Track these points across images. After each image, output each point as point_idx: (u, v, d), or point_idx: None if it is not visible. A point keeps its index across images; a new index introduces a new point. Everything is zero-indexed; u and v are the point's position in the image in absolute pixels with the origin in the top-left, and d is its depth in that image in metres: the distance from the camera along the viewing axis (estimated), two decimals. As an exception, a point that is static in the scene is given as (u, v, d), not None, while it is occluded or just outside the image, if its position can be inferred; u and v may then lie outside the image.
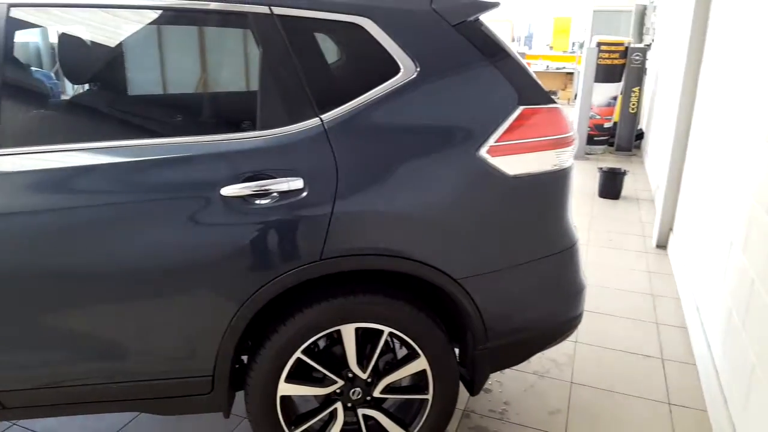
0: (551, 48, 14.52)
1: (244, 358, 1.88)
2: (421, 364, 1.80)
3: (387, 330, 1.74)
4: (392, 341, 1.91)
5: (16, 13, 1.60)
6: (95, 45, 1.95)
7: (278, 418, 1.79)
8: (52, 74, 2.54)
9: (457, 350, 1.96)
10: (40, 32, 2.68)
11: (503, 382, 2.50)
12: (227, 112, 2.01)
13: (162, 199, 1.58)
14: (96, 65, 2.03)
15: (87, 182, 1.58)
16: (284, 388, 1.77)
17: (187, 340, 1.69)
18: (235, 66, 2.35)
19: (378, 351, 1.78)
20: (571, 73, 12.72)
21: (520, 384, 2.50)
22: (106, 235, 1.58)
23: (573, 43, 14.42)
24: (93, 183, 1.59)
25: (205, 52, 2.55)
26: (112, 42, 1.99)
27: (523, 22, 14.92)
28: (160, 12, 1.75)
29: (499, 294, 1.79)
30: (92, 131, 1.74)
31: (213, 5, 1.65)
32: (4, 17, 1.58)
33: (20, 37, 1.69)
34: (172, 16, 1.85)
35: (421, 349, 1.78)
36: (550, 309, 1.91)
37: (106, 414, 2.21)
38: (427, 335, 1.77)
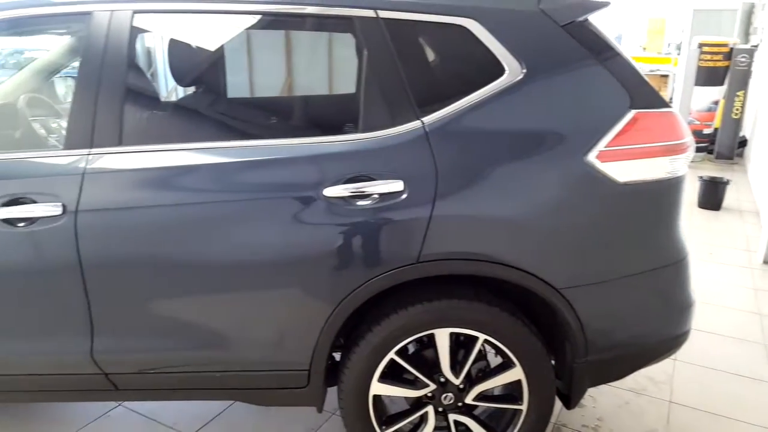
0: (644, 49, 13.87)
1: (336, 355, 1.91)
2: (516, 374, 1.76)
3: (482, 337, 1.71)
4: (484, 348, 1.88)
5: (138, 20, 1.70)
6: (203, 49, 2.04)
7: (370, 417, 1.80)
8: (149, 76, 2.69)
9: (552, 361, 1.89)
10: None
11: (596, 397, 2.39)
12: (329, 115, 2.05)
13: (267, 198, 1.63)
14: (204, 69, 2.13)
15: (200, 180, 1.66)
16: (377, 388, 1.78)
17: (286, 334, 1.74)
18: (337, 69, 2.40)
19: (472, 357, 1.75)
20: (666, 76, 12.09)
21: (615, 400, 2.39)
22: (215, 231, 1.64)
23: (668, 44, 13.72)
24: (205, 181, 1.66)
25: (307, 55, 2.61)
26: (219, 46, 2.08)
27: (614, 22, 14.36)
28: (264, 17, 1.81)
29: (603, 306, 1.71)
30: (204, 132, 1.83)
31: (317, 10, 1.68)
32: (128, 24, 1.68)
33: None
34: (277, 21, 1.91)
35: (517, 358, 1.73)
36: (656, 324, 1.81)
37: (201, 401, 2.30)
38: (524, 345, 1.73)
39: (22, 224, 1.61)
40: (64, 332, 1.73)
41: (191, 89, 2.28)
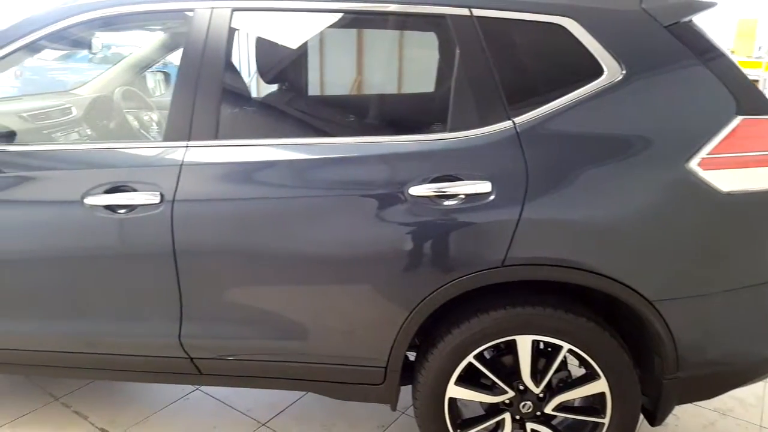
0: (732, 53, 13.14)
1: (410, 354, 1.90)
2: (600, 386, 1.69)
3: (567, 346, 1.66)
4: (565, 357, 1.82)
5: (236, 18, 1.75)
6: (293, 48, 2.08)
7: (445, 419, 1.78)
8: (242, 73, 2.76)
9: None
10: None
11: (680, 415, 2.28)
12: (417, 113, 2.05)
13: (352, 195, 1.65)
14: (293, 67, 2.18)
15: (288, 175, 1.69)
16: (453, 391, 1.76)
17: (364, 330, 1.75)
18: (426, 67, 2.39)
19: (555, 366, 1.71)
20: (756, 81, 11.43)
21: (700, 420, 2.27)
22: (300, 225, 1.67)
23: (758, 47, 12.94)
24: (293, 176, 1.69)
25: (395, 54, 2.63)
26: (309, 44, 2.12)
27: (700, 24, 13.66)
28: (355, 16, 1.82)
29: (698, 321, 1.63)
30: (293, 129, 1.87)
31: (410, 8, 1.68)
32: (227, 22, 1.73)
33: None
34: (366, 20, 1.93)
35: (602, 370, 1.67)
36: (754, 344, 1.70)
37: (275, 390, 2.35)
38: (610, 357, 1.66)
39: (122, 211, 1.69)
40: (155, 316, 1.81)
41: (281, 87, 2.34)
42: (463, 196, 1.57)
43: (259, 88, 2.25)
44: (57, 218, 1.75)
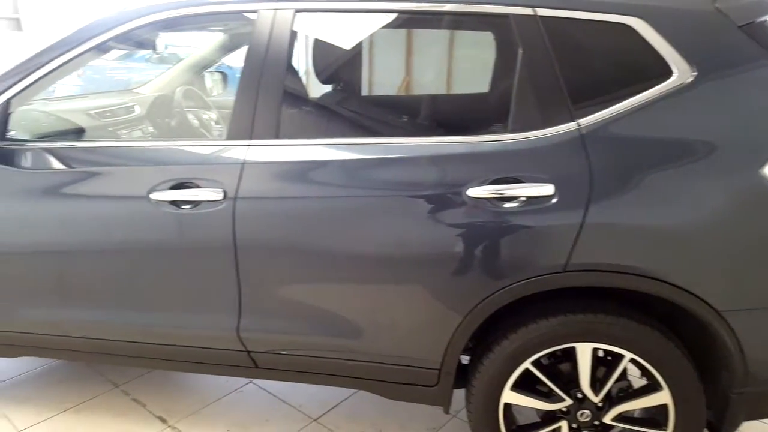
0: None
1: (463, 358, 1.89)
2: (663, 397, 1.64)
3: (629, 356, 1.62)
4: (626, 366, 1.77)
5: (298, 19, 1.77)
6: (353, 48, 2.10)
7: (499, 425, 1.76)
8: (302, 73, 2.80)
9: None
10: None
11: None
12: (475, 114, 2.03)
13: (410, 195, 1.64)
14: (352, 67, 2.19)
15: (346, 175, 1.70)
16: (509, 396, 1.74)
17: (419, 331, 1.74)
18: (479, 67, 2.37)
19: (616, 376, 1.66)
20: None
21: (764, 438, 2.18)
22: (357, 224, 1.68)
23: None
24: (351, 176, 1.70)
25: (445, 53, 2.61)
26: (368, 45, 2.13)
27: None
28: (413, 16, 1.82)
29: (770, 334, 1.56)
30: (352, 129, 1.88)
31: (470, 8, 1.67)
32: (290, 23, 1.75)
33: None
34: (424, 20, 1.92)
35: (665, 382, 1.62)
36: (832, 360, 1.61)
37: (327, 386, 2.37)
38: (674, 368, 1.61)
39: (187, 207, 1.74)
40: (215, 309, 1.85)
41: (337, 87, 2.35)
42: (523, 199, 1.55)
43: (315, 88, 2.27)
44: (124, 212, 1.81)
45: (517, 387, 1.73)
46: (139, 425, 2.23)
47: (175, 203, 1.75)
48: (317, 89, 2.30)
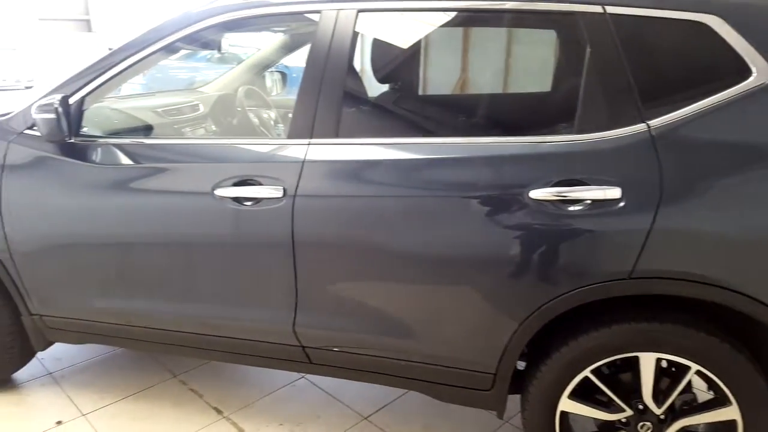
0: None
1: (519, 363, 1.85)
2: (731, 413, 1.57)
3: (695, 367, 1.55)
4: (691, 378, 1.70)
5: (360, 19, 1.77)
6: (411, 47, 2.09)
7: (555, 433, 1.73)
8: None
9: None
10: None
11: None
12: (539, 113, 1.99)
13: (470, 196, 1.62)
14: (410, 67, 2.19)
15: (404, 174, 1.70)
16: (566, 404, 1.70)
17: (475, 334, 1.72)
18: (544, 66, 2.33)
19: (680, 388, 1.60)
20: None
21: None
22: (414, 224, 1.68)
23: None
24: (409, 176, 1.69)
25: (503, 52, 2.58)
26: (427, 44, 2.12)
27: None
28: (475, 14, 1.80)
29: None
30: (409, 128, 1.88)
31: (536, 6, 1.63)
32: (352, 23, 1.76)
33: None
34: (484, 18, 1.90)
35: (734, 396, 1.55)
36: None
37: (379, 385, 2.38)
38: (744, 382, 1.54)
39: (248, 203, 1.78)
40: (272, 304, 1.88)
41: (395, 86, 2.36)
42: (589, 202, 1.51)
43: (373, 87, 2.28)
44: (188, 208, 1.86)
45: (576, 395, 1.69)
46: (195, 415, 2.29)
47: (238, 200, 1.78)
48: (375, 88, 2.31)
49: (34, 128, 2.00)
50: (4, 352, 2.29)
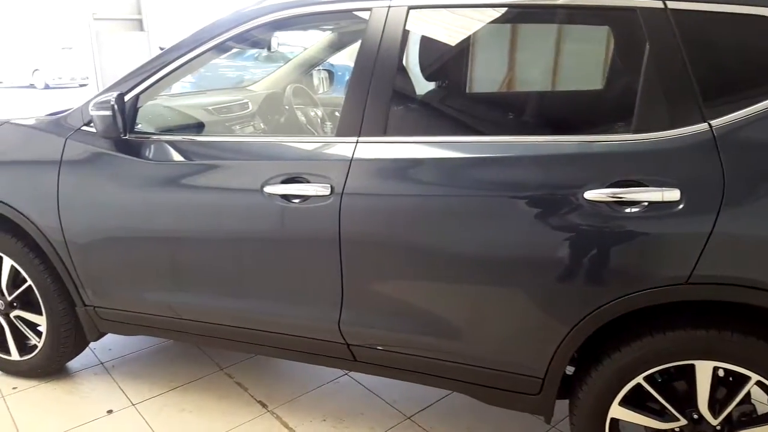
0: None
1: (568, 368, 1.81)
2: (794, 427, 1.50)
3: (756, 378, 1.49)
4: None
5: (411, 16, 1.76)
6: (461, 45, 2.07)
7: (604, 440, 1.68)
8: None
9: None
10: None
11: None
12: (593, 112, 1.95)
13: (521, 196, 1.59)
14: (460, 64, 2.16)
15: (453, 174, 1.68)
16: (616, 411, 1.65)
17: (524, 338, 1.69)
18: (596, 63, 2.28)
19: (739, 398, 1.53)
20: None
21: None
22: (462, 224, 1.65)
23: None
24: (458, 175, 1.67)
25: (552, 49, 2.53)
26: (477, 41, 2.09)
27: None
28: (527, 10, 1.76)
29: None
30: (459, 127, 1.86)
31: (595, 1, 1.59)
32: (403, 20, 1.75)
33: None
34: (536, 15, 1.86)
35: (799, 409, 1.48)
36: None
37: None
38: (810, 395, 1.46)
39: (296, 201, 1.79)
40: (318, 301, 1.89)
41: (443, 84, 2.34)
42: (646, 204, 1.46)
43: (420, 85, 2.27)
44: (238, 204, 1.89)
45: (627, 402, 1.64)
46: (241, 408, 2.33)
47: (286, 197, 1.80)
48: (422, 86, 2.30)
49: (91, 125, 2.06)
50: (59, 342, 2.37)
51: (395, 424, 2.23)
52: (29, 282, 2.30)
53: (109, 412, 2.31)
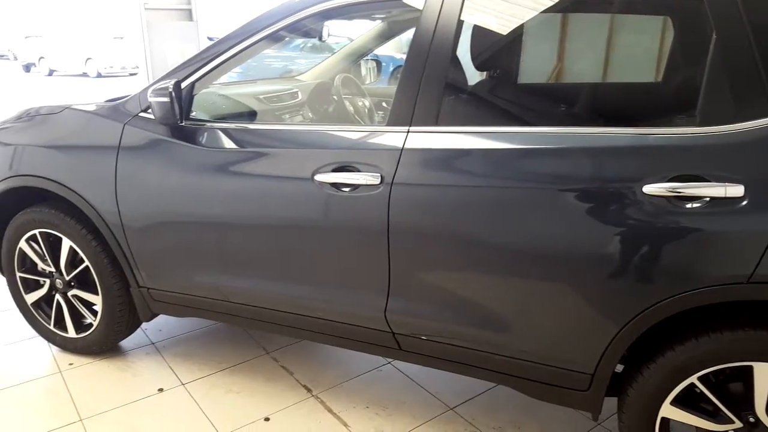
0: None
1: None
2: None
3: (819, 382, 1.43)
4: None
5: (467, 5, 1.74)
6: (515, 35, 2.04)
7: (654, 439, 1.65)
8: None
9: None
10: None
11: None
12: (654, 104, 1.89)
13: (575, 188, 1.56)
14: (515, 54, 2.13)
15: (505, 164, 1.66)
16: (667, 411, 1.61)
17: (574, 333, 1.67)
18: (653, 55, 2.22)
19: (801, 403, 1.48)
20: None
21: None
22: (513, 215, 1.64)
23: None
24: (510, 166, 1.65)
25: (604, 39, 2.47)
26: (533, 31, 2.06)
27: None
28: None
29: None
30: (513, 117, 1.83)
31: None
32: (458, 9, 1.73)
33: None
34: (592, 4, 1.81)
35: None
36: None
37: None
38: None
39: (346, 189, 1.80)
40: (365, 289, 1.91)
41: (494, 74, 2.31)
42: (707, 199, 1.42)
43: (473, 75, 2.25)
44: (288, 191, 1.92)
45: (679, 402, 1.60)
46: (286, 391, 2.38)
47: (336, 185, 1.82)
48: (474, 76, 2.27)
49: (148, 111, 2.12)
50: (113, 321, 2.46)
51: (438, 415, 2.24)
52: (87, 263, 2.39)
53: (160, 390, 2.39)
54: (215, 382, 2.45)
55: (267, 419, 2.21)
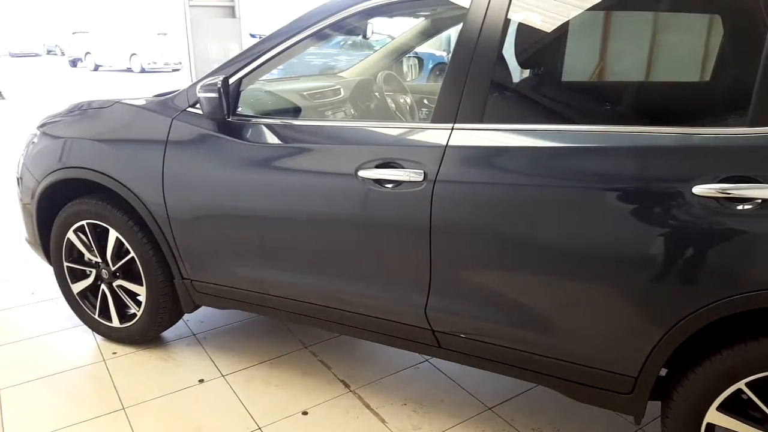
0: None
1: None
2: None
3: None
4: None
5: (514, 2, 1.73)
6: (563, 32, 2.01)
7: (699, 446, 1.61)
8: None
9: None
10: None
11: None
12: (703, 104, 1.85)
13: (622, 188, 1.54)
14: (560, 51, 2.11)
15: (552, 163, 1.64)
16: (713, 416, 1.58)
17: (618, 336, 1.64)
18: (700, 53, 2.16)
19: None
20: None
21: None
22: (556, 215, 1.62)
23: None
24: (557, 164, 1.64)
25: (648, 38, 2.42)
26: (578, 28, 2.03)
27: None
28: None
29: None
30: (559, 115, 1.81)
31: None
32: (505, 6, 1.72)
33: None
34: (638, 2, 1.78)
35: None
36: None
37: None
38: None
39: (389, 185, 1.82)
40: (406, 285, 1.92)
41: (538, 71, 2.29)
42: (759, 201, 1.38)
43: (517, 72, 2.23)
44: (332, 187, 1.94)
45: (725, 407, 1.56)
46: (324, 386, 2.41)
47: (379, 182, 1.83)
48: (518, 73, 2.26)
49: (196, 106, 2.17)
50: (156, 312, 2.52)
51: (476, 414, 2.23)
52: (132, 254, 2.45)
53: (201, 381, 2.44)
54: (254, 374, 2.49)
55: (305, 413, 2.25)
